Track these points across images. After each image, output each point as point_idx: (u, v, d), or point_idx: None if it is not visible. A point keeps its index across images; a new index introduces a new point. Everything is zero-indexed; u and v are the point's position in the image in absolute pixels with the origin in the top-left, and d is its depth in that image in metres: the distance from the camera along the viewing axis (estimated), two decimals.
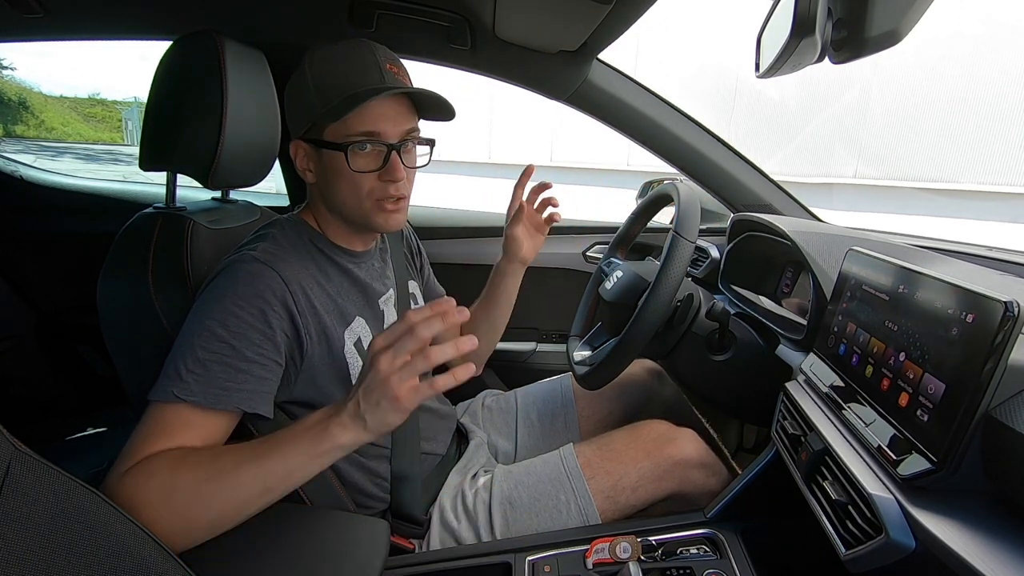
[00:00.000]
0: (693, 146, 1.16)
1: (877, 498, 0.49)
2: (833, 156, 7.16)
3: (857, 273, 0.66)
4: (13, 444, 0.33)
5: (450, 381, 0.51)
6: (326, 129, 0.68)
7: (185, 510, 0.52)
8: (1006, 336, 0.42)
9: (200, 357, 0.58)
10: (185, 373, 0.57)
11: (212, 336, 0.59)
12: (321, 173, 0.72)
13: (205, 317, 0.60)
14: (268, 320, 0.62)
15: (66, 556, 0.33)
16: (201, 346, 0.59)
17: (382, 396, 0.51)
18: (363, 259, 0.80)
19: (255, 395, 0.61)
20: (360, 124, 0.67)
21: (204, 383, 0.58)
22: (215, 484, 0.53)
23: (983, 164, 6.17)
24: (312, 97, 0.68)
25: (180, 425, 0.57)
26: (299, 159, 0.72)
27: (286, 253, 0.68)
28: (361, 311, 0.76)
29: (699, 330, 0.86)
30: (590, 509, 0.80)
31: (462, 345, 0.51)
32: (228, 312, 0.60)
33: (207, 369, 0.58)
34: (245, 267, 0.64)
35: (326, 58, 0.69)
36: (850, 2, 0.42)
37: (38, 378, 1.49)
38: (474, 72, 1.13)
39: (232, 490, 0.53)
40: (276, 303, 0.63)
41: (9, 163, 1.49)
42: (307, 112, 0.69)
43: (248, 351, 0.60)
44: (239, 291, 0.62)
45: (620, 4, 0.80)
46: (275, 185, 1.36)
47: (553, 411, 1.06)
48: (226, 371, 0.59)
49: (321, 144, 0.69)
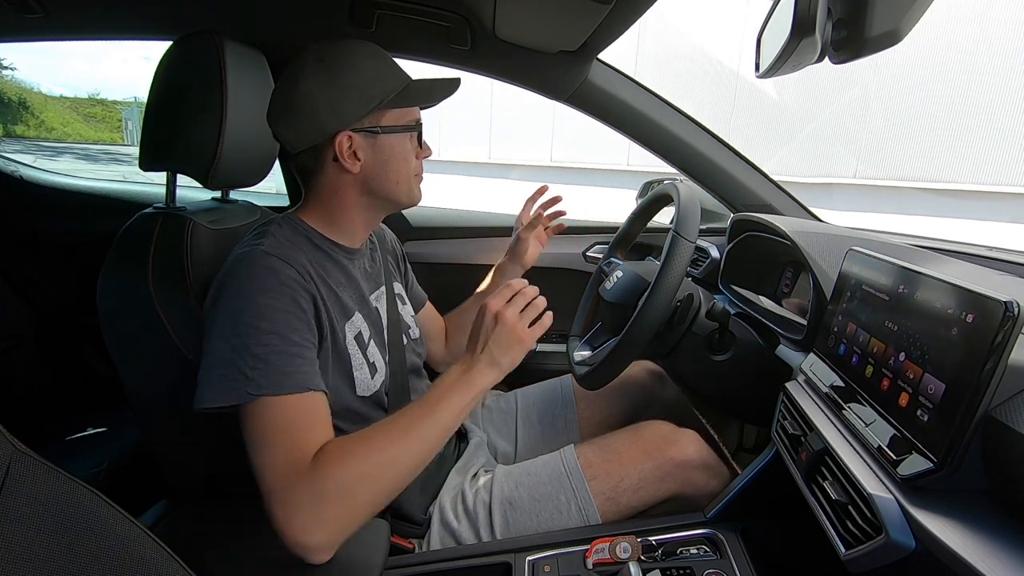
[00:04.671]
0: (693, 146, 1.16)
1: (877, 498, 0.49)
2: (833, 156, 7.16)
3: (857, 273, 0.66)
4: (13, 444, 0.33)
5: (548, 320, 0.71)
6: (384, 116, 0.73)
7: (384, 477, 0.61)
8: (1006, 336, 0.42)
9: (256, 353, 0.61)
10: (249, 371, 0.60)
11: (258, 331, 0.61)
12: (375, 158, 0.74)
13: (244, 317, 0.62)
14: (300, 305, 0.65)
15: (66, 556, 0.33)
16: (253, 343, 0.61)
17: (512, 341, 0.68)
18: (356, 256, 0.81)
19: (313, 375, 0.64)
20: (414, 109, 0.77)
21: (268, 374, 0.60)
22: (405, 446, 0.62)
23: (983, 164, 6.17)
24: (372, 88, 0.71)
25: (281, 418, 0.60)
26: (345, 150, 0.72)
27: (291, 247, 0.69)
28: (358, 306, 0.77)
29: (699, 330, 0.86)
30: (590, 510, 0.80)
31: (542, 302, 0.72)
32: (263, 306, 0.62)
33: (267, 363, 0.61)
34: (261, 262, 0.65)
35: (368, 52, 0.73)
36: (850, 2, 0.42)
37: (38, 378, 1.49)
38: (474, 72, 1.13)
39: (416, 444, 0.63)
40: (301, 291, 0.66)
41: (9, 163, 1.49)
42: (366, 102, 0.71)
43: (294, 336, 0.64)
44: (266, 284, 0.64)
45: (620, 4, 0.80)
46: (275, 185, 1.36)
47: (553, 412, 1.06)
48: (283, 358, 0.62)
49: (385, 130, 0.73)
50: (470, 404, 0.67)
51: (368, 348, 0.77)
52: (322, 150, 0.73)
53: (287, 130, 0.72)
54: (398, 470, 0.62)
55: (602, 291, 0.95)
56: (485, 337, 0.68)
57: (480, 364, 0.68)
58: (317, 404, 0.64)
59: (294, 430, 0.60)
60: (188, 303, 0.69)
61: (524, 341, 0.68)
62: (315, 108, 0.70)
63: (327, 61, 0.70)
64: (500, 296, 0.70)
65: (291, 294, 0.65)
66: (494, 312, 0.69)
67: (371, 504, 0.60)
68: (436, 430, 0.64)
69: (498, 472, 0.87)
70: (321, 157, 0.73)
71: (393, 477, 0.61)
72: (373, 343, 0.78)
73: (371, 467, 0.60)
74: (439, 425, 0.65)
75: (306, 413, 0.62)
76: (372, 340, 0.78)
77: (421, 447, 0.63)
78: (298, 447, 0.60)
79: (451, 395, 0.66)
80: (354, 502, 0.59)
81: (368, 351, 0.76)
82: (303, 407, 0.62)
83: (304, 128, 0.71)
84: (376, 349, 0.78)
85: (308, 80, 0.70)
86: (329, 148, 0.72)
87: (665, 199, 0.98)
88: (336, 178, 0.75)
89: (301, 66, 0.70)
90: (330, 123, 0.71)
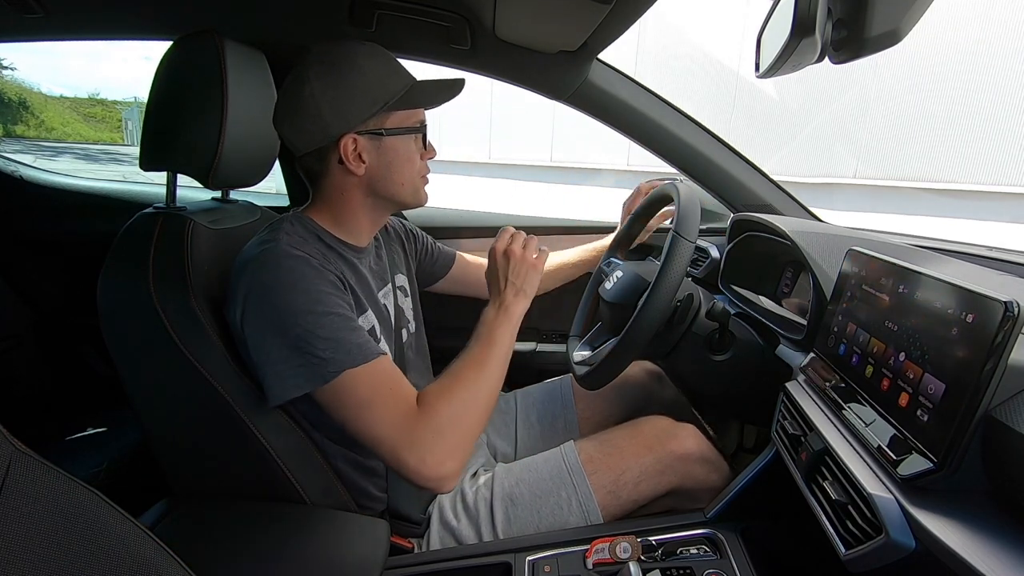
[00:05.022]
0: (693, 146, 1.16)
1: (877, 498, 0.49)
2: (833, 156, 7.16)
3: (857, 273, 0.66)
4: (13, 444, 0.33)
5: (545, 254, 0.81)
6: (389, 118, 0.74)
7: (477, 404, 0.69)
8: (1006, 336, 0.42)
9: (324, 336, 0.64)
10: (323, 353, 0.63)
11: (316, 315, 0.64)
12: (379, 160, 0.74)
13: (296, 306, 0.64)
14: (337, 287, 0.69)
15: (66, 555, 0.33)
16: (316, 328, 0.64)
17: (528, 269, 0.78)
18: (364, 255, 0.81)
19: (374, 343, 0.68)
20: (419, 111, 0.78)
21: (344, 350, 0.64)
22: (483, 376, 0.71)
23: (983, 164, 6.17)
24: (377, 90, 0.72)
25: (373, 383, 0.65)
26: (350, 152, 0.72)
27: (305, 243, 0.70)
28: (369, 303, 0.78)
29: (699, 330, 0.86)
30: (591, 505, 0.80)
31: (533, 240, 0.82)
32: (311, 292, 0.65)
33: (338, 341, 0.64)
34: (289, 254, 0.66)
35: (372, 54, 0.73)
36: (850, 2, 0.42)
37: (38, 378, 1.49)
38: (474, 72, 1.13)
39: (489, 372, 0.72)
40: (333, 276, 0.69)
41: (9, 163, 1.49)
42: (370, 105, 0.71)
43: (347, 312, 0.68)
44: (304, 272, 0.66)
45: (620, 4, 0.80)
46: (275, 185, 1.35)
47: (553, 412, 1.06)
48: (349, 333, 0.66)
49: (389, 132, 0.74)
50: (514, 332, 0.77)
51: (380, 343, 0.77)
52: (327, 152, 0.73)
53: (292, 132, 0.72)
54: (485, 396, 0.71)
55: (602, 291, 0.95)
56: (504, 274, 0.78)
57: (508, 297, 0.77)
58: (391, 363, 0.70)
59: (389, 388, 0.66)
60: (188, 303, 0.69)
61: (536, 266, 0.79)
62: (319, 111, 0.70)
63: (330, 63, 0.70)
64: (501, 239, 0.80)
65: (329, 277, 0.68)
66: (503, 251, 0.79)
67: (477, 427, 0.70)
68: (499, 360, 0.74)
69: (498, 469, 0.87)
70: (326, 159, 0.73)
71: (484, 402, 0.71)
72: (384, 341, 0.79)
73: (469, 396, 0.69)
74: (499, 355, 0.74)
75: (390, 371, 0.68)
76: (383, 337, 0.79)
77: (492, 374, 0.73)
78: (402, 399, 0.66)
79: (496, 329, 0.75)
80: (465, 429, 0.67)
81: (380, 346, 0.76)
82: (384, 368, 0.67)
83: (309, 130, 0.71)
84: (385, 347, 0.79)
85: (312, 83, 0.69)
86: (334, 151, 0.72)
87: (665, 199, 0.98)
88: (342, 180, 0.75)
89: (305, 68, 0.70)
90: (334, 126, 0.71)
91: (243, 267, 0.67)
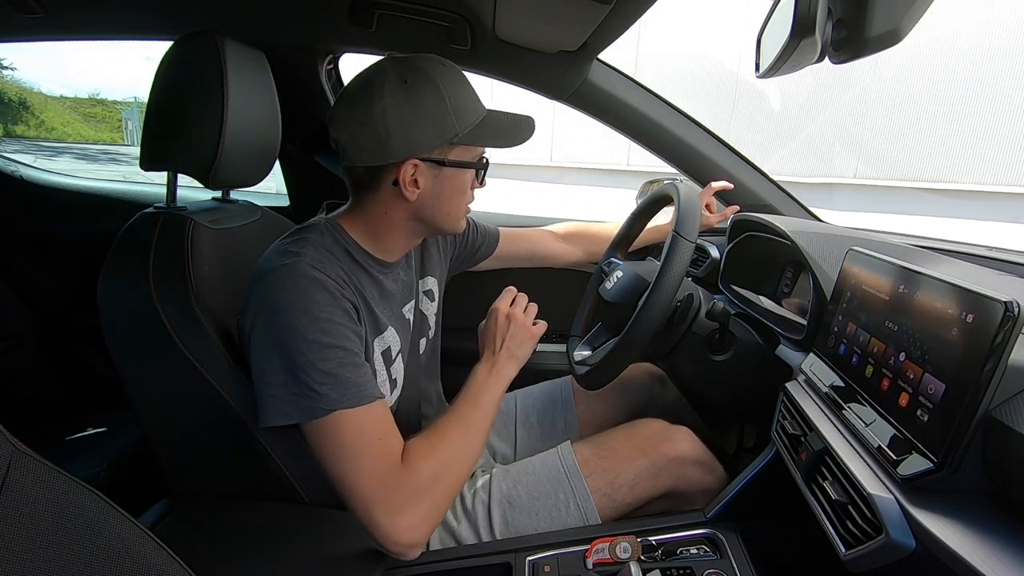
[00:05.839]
0: (693, 146, 1.16)
1: (877, 498, 0.49)
2: (833, 156, 7.16)
3: (857, 273, 0.66)
4: (13, 444, 0.33)
5: (543, 325, 0.83)
6: (453, 149, 0.71)
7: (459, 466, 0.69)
8: (1006, 336, 0.42)
9: (323, 369, 0.62)
10: (319, 387, 0.61)
11: (320, 346, 0.62)
12: (434, 189, 0.72)
13: (303, 333, 0.62)
14: (351, 317, 0.67)
15: (66, 555, 0.33)
16: (318, 359, 0.62)
17: (525, 336, 0.80)
18: (392, 270, 0.79)
19: (375, 384, 0.67)
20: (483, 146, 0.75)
21: (341, 388, 0.62)
22: (468, 437, 0.72)
23: (983, 164, 6.17)
24: (449, 120, 0.69)
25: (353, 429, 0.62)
26: (407, 178, 0.69)
27: (331, 261, 0.68)
28: (391, 321, 0.76)
29: (699, 330, 0.86)
30: (589, 507, 0.80)
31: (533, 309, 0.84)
32: (322, 320, 0.63)
33: (336, 377, 0.62)
34: (309, 275, 0.64)
35: (452, 79, 0.70)
36: (850, 2, 0.42)
37: (38, 378, 1.49)
38: (474, 72, 1.13)
39: (474, 432, 0.73)
40: (348, 304, 0.67)
41: (9, 163, 1.49)
42: (440, 135, 0.69)
43: (354, 347, 0.66)
44: (319, 298, 0.64)
45: (620, 4, 0.80)
46: (275, 185, 1.35)
47: (553, 413, 1.06)
48: (350, 371, 0.63)
49: (450, 163, 0.71)
50: (502, 394, 0.78)
51: (393, 364, 0.76)
52: (382, 172, 0.70)
53: (350, 143, 0.68)
54: (467, 457, 0.71)
55: (602, 291, 0.95)
56: (501, 336, 0.79)
57: (501, 359, 0.78)
58: (385, 410, 0.67)
59: (377, 437, 0.64)
60: (188, 303, 0.69)
61: (535, 336, 0.81)
62: (387, 132, 0.66)
63: (411, 83, 0.67)
64: (504, 300, 0.82)
65: (343, 306, 0.66)
66: (505, 313, 0.80)
67: (455, 491, 0.69)
68: (485, 420, 0.74)
69: (496, 472, 0.87)
70: (380, 178, 0.71)
71: (465, 463, 0.70)
72: (400, 359, 0.78)
73: (452, 457, 0.68)
74: (486, 416, 0.75)
75: (382, 419, 0.66)
76: (399, 355, 0.78)
77: (477, 435, 0.73)
78: (387, 452, 0.64)
79: (486, 392, 0.76)
80: (444, 493, 0.67)
81: (393, 367, 0.76)
82: (376, 415, 0.65)
83: (370, 147, 0.68)
84: (400, 365, 0.78)
85: (385, 100, 0.66)
86: (391, 172, 0.69)
87: (665, 199, 0.98)
88: (389, 200, 0.72)
89: (381, 81, 0.67)
90: (398, 150, 0.68)
91: (261, 278, 0.65)
